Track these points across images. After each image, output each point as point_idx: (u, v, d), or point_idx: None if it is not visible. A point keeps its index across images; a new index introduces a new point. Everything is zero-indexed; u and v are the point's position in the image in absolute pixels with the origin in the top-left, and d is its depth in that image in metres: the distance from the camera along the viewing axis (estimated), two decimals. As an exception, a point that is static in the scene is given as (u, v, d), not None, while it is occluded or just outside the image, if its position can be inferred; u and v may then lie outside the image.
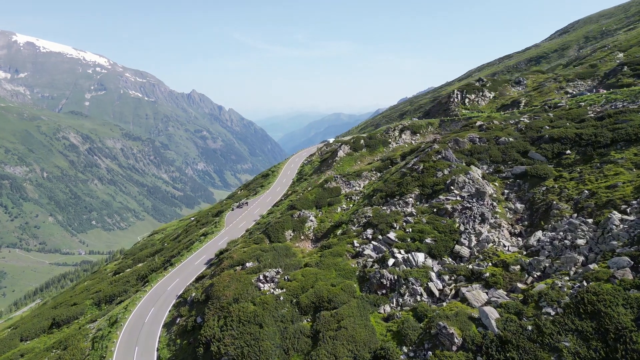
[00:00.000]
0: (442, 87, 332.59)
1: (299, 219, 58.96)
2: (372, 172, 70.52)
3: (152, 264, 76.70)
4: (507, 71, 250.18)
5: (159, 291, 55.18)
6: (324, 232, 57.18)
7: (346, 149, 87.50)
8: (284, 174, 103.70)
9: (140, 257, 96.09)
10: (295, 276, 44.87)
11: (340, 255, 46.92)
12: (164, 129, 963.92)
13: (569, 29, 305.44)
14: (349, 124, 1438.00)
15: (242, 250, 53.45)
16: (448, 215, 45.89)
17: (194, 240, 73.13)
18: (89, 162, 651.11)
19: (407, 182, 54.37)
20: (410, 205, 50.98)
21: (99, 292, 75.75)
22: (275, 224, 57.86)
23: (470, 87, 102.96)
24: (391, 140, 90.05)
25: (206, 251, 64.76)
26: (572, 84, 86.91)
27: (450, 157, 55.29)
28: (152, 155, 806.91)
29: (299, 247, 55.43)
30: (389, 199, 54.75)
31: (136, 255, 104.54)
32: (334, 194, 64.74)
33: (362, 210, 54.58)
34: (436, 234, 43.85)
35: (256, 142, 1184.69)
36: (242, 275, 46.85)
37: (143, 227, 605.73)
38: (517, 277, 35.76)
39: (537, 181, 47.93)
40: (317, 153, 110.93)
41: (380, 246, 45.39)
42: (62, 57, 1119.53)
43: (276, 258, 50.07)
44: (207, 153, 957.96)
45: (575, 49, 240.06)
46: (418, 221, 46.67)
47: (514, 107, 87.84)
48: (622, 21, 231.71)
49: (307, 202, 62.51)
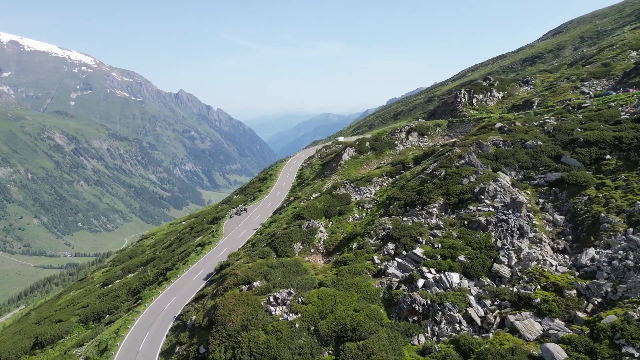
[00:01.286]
0: (436, 87, 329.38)
1: (307, 230, 53.74)
2: (383, 177, 65.51)
3: (144, 276, 70.87)
4: (503, 71, 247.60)
5: (154, 312, 49.55)
6: (335, 245, 52.03)
7: (351, 152, 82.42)
8: (283, 178, 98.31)
9: (130, 266, 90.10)
10: (311, 298, 39.67)
11: (360, 274, 41.84)
12: (152, 129, 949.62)
13: (562, 29, 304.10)
14: (338, 124, 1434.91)
15: (247, 266, 48.08)
16: (481, 228, 41.02)
17: (190, 251, 67.53)
18: (74, 163, 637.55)
19: (428, 189, 49.44)
20: (434, 216, 46.05)
21: (86, 308, 69.73)
22: (282, 235, 52.56)
23: (477, 86, 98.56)
24: (398, 143, 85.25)
25: (205, 264, 59.22)
26: (587, 83, 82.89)
27: (474, 162, 50.51)
28: (140, 155, 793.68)
29: (309, 261, 50.23)
30: (408, 208, 49.79)
31: (125, 264, 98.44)
32: (344, 202, 59.60)
33: (379, 221, 49.53)
34: (470, 251, 38.95)
35: (245, 142, 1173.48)
36: (249, 297, 41.49)
37: (130, 228, 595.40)
38: (575, 303, 31.02)
39: (576, 190, 43.31)
40: (316, 155, 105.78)
41: (406, 264, 40.39)
42: (47, 56, 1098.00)
43: (286, 276, 44.81)
44: (196, 153, 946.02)
45: (571, 48, 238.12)
46: (447, 235, 41.74)
47: (526, 107, 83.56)
48: (618, 21, 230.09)
49: (315, 210, 57.30)
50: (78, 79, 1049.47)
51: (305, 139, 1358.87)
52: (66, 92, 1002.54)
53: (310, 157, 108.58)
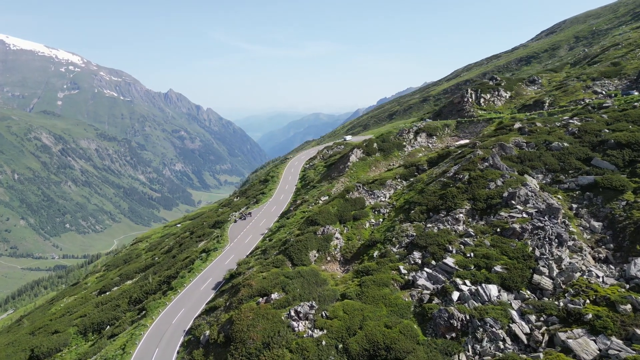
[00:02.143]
0: (430, 86, 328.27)
1: (323, 236, 50.96)
2: (397, 180, 62.94)
3: (145, 284, 67.59)
4: (498, 71, 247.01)
5: (162, 325, 46.42)
6: (353, 252, 49.32)
7: (359, 154, 79.69)
8: (285, 180, 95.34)
9: (127, 272, 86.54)
10: (335, 312, 36.94)
11: (386, 285, 39.18)
12: (141, 129, 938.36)
13: (555, 29, 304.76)
14: (328, 124, 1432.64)
15: (261, 276, 45.18)
16: (516, 236, 38.56)
17: (194, 258, 64.33)
18: (62, 164, 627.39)
19: (452, 194, 46.93)
20: (461, 222, 43.54)
21: (84, 318, 66.32)
22: (297, 242, 49.72)
23: (484, 86, 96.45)
24: (406, 144, 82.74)
25: (212, 273, 56.17)
26: (598, 82, 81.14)
27: (499, 165, 48.12)
28: (129, 155, 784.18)
29: (327, 270, 47.47)
30: (431, 214, 47.26)
31: (122, 270, 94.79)
32: (358, 206, 56.89)
33: (401, 228, 46.92)
34: (506, 260, 36.47)
35: (235, 142, 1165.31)
36: (268, 311, 38.63)
37: (119, 229, 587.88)
38: (631, 319, 28.64)
39: (612, 194, 41.06)
40: (318, 157, 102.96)
41: (437, 275, 37.81)
42: (33, 55, 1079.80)
43: (305, 287, 41.99)
44: (185, 153, 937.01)
45: (566, 48, 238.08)
46: (479, 243, 39.24)
47: (537, 107, 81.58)
48: (612, 21, 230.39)
49: (329, 215, 54.51)
50: (65, 78, 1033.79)
51: (296, 138, 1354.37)
52: (53, 91, 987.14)
53: (311, 159, 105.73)
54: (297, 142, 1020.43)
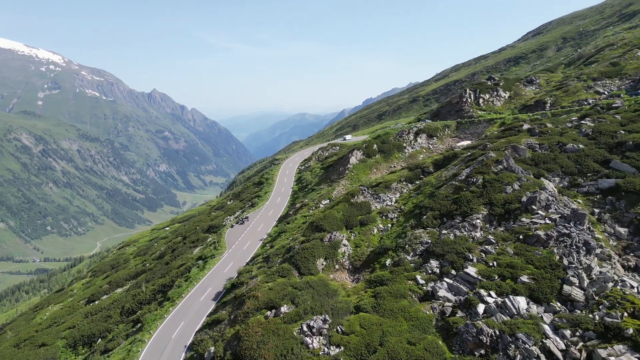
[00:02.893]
0: (417, 87, 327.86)
1: (330, 243, 48.49)
2: (402, 182, 60.76)
3: (137, 292, 64.36)
4: (487, 71, 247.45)
5: (161, 340, 43.45)
6: (363, 260, 46.95)
7: (359, 155, 77.41)
8: (281, 182, 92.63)
9: (117, 279, 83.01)
10: (352, 327, 34.53)
11: (404, 297, 36.89)
12: (124, 130, 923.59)
13: (542, 30, 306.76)
14: (314, 124, 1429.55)
15: (267, 287, 42.56)
16: (541, 244, 36.57)
17: (190, 266, 61.34)
18: (43, 165, 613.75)
19: (466, 198, 44.87)
20: (478, 228, 41.47)
21: (73, 330, 62.92)
22: (303, 250, 47.17)
23: (483, 86, 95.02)
24: (406, 145, 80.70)
25: (211, 282, 53.29)
26: (599, 82, 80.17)
27: (514, 168, 46.21)
28: (112, 156, 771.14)
29: (335, 280, 45.02)
30: (445, 219, 45.13)
31: (111, 277, 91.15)
32: (365, 211, 54.55)
33: (413, 234, 44.71)
34: (533, 270, 34.44)
35: (220, 142, 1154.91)
36: (278, 325, 36.04)
37: (102, 231, 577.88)
38: (676, 335, 26.82)
39: (636, 198, 39.41)
40: (313, 158, 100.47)
41: (458, 285, 35.65)
42: (12, 54, 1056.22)
43: (316, 298, 39.50)
44: (170, 154, 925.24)
45: (554, 49, 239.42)
46: (502, 251, 37.19)
47: (538, 108, 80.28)
48: (599, 22, 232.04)
49: (335, 221, 52.05)
50: (46, 77, 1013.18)
51: (282, 139, 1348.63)
52: (33, 91, 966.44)
53: (306, 160, 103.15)
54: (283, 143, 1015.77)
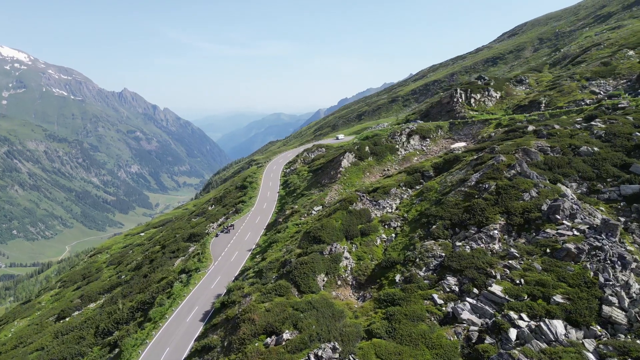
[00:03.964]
0: (395, 87, 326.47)
1: (330, 256, 44.25)
2: (402, 188, 56.96)
3: (113, 309, 58.76)
4: (465, 71, 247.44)
5: (144, 370, 38.46)
6: (367, 275, 42.89)
7: (351, 158, 73.37)
8: (266, 186, 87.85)
9: (89, 293, 76.79)
10: (367, 356, 30.38)
11: (421, 319, 32.98)
12: (94, 130, 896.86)
13: (517, 31, 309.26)
14: (290, 124, 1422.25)
15: (264, 308, 38.06)
16: (571, 258, 33.20)
17: (173, 280, 56.13)
18: (7, 167, 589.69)
19: (480, 206, 41.32)
20: (497, 240, 37.94)
21: (42, 352, 56.94)
22: (302, 265, 42.78)
23: (473, 85, 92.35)
24: (399, 147, 77.12)
25: (197, 299, 48.36)
26: (594, 82, 78.32)
27: (529, 173, 42.92)
28: (81, 157, 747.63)
29: (339, 297, 40.82)
30: (457, 229, 41.48)
31: (83, 289, 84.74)
32: (364, 219, 50.53)
33: (424, 246, 40.89)
34: (566, 289, 31.01)
35: (194, 142, 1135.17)
36: (282, 356, 31.62)
37: (71, 235, 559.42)
38: None
39: (665, 206, 36.53)
40: (299, 160, 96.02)
41: (483, 306, 31.93)
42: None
43: (321, 322, 35.21)
44: (142, 155, 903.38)
45: (531, 50, 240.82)
46: (528, 267, 33.66)
47: (533, 108, 77.93)
48: (575, 23, 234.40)
49: (334, 231, 47.85)
50: (10, 76, 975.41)
51: (257, 139, 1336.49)
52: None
53: (291, 162, 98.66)
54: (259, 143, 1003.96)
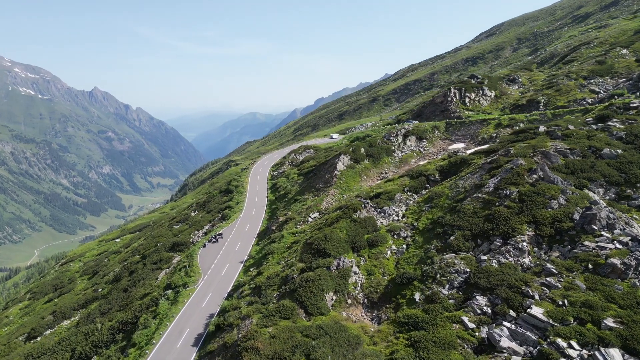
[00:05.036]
0: (373, 87, 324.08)
1: (338, 272, 39.98)
2: (406, 193, 53.09)
3: (91, 330, 53.17)
4: (446, 71, 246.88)
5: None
6: (380, 292, 38.77)
7: (346, 160, 69.24)
8: (253, 190, 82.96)
9: (63, 308, 70.56)
10: (396, 394, 26.31)
11: (453, 347, 29.06)
12: (63, 130, 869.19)
13: (495, 32, 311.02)
14: (266, 124, 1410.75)
15: (267, 333, 33.57)
16: (617, 275, 29.81)
17: (157, 297, 50.95)
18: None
19: (503, 215, 37.72)
20: (526, 253, 34.36)
21: (9, 381, 51.04)
22: (307, 283, 38.36)
23: (467, 84, 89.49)
24: (395, 148, 73.44)
25: (187, 320, 43.41)
26: (592, 81, 76.29)
27: (553, 178, 39.57)
28: (49, 159, 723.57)
29: (350, 318, 36.59)
30: (479, 241, 37.77)
31: (55, 303, 78.32)
32: (370, 228, 46.44)
33: (443, 260, 37.01)
34: (618, 311, 27.54)
35: (168, 142, 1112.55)
36: (297, 395, 27.28)
37: (40, 239, 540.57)
38: None
39: None
40: (286, 163, 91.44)
41: (524, 332, 28.18)
42: None
43: (337, 351, 30.94)
44: (114, 155, 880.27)
45: (510, 50, 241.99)
46: (569, 285, 30.11)
47: (532, 107, 75.47)
48: (552, 23, 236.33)
49: (339, 242, 43.57)
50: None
51: (232, 138, 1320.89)
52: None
53: (277, 164, 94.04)
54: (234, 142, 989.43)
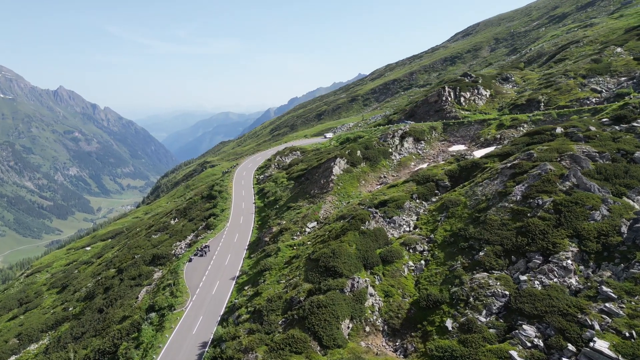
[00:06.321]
0: (351, 86, 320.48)
1: (353, 294, 35.07)
2: (415, 200, 48.61)
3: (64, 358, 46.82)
4: (425, 71, 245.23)
5: None
6: (402, 318, 34.03)
7: (342, 164, 64.39)
8: (238, 196, 77.21)
9: (29, 331, 63.51)
10: None
11: (505, 389, 24.62)
12: (26, 131, 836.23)
13: (470, 32, 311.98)
14: (239, 123, 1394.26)
15: (278, 372, 28.46)
16: (689, 300, 25.92)
17: (139, 321, 45.00)
18: None
19: (537, 228, 33.56)
20: (572, 272, 30.25)
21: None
22: (318, 308, 33.31)
23: (461, 83, 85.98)
24: (392, 150, 69.10)
25: (178, 351, 37.72)
26: (593, 80, 73.74)
27: (589, 186, 35.68)
28: (12, 160, 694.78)
29: (370, 349, 31.72)
30: (514, 257, 33.48)
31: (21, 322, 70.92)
32: (382, 241, 41.70)
33: (474, 280, 32.57)
34: (698, 344, 23.61)
35: (138, 143, 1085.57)
36: None
37: (4, 244, 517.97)
38: None
39: None
40: (273, 166, 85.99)
41: (589, 371, 23.97)
42: None
43: (365, 395, 26.09)
44: (81, 156, 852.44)
45: (487, 49, 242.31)
46: (633, 312, 26.03)
47: (532, 107, 72.36)
48: (528, 23, 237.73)
49: (349, 258, 38.61)
50: None
51: (205, 138, 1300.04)
52: None
53: (263, 167, 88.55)
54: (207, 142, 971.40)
